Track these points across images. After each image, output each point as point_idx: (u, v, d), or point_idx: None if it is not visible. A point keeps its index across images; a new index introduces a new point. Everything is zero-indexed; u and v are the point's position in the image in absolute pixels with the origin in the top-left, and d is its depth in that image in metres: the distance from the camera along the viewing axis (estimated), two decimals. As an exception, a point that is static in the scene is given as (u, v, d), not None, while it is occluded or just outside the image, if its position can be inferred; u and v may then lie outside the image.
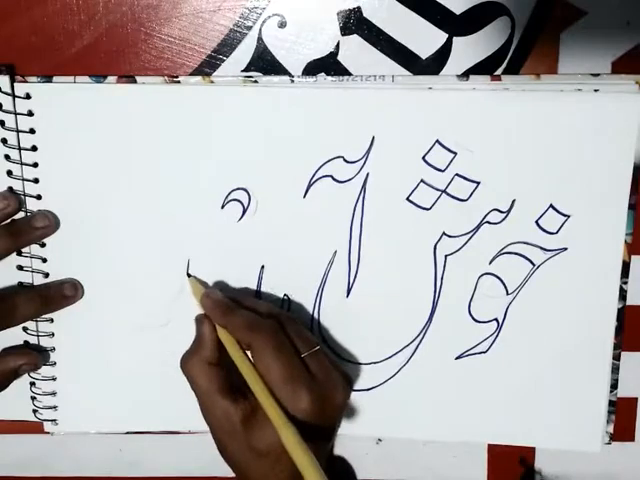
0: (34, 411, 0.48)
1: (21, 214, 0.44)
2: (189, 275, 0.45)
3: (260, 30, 0.43)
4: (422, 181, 0.44)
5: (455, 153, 0.43)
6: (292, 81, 0.43)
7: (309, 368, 0.40)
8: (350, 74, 0.43)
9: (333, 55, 0.43)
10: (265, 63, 0.43)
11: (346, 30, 0.43)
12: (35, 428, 0.49)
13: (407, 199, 0.44)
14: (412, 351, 0.46)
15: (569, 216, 0.44)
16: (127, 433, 0.49)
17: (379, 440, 0.49)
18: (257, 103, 0.43)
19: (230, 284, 0.46)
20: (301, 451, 0.36)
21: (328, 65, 0.43)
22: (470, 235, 0.45)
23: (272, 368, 0.39)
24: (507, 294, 0.46)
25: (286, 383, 0.39)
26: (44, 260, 0.45)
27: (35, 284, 0.46)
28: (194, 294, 0.44)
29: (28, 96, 0.43)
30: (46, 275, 0.46)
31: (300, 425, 0.38)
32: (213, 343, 0.41)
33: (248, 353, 0.41)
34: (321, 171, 0.44)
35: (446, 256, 0.45)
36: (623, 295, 0.46)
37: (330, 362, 0.41)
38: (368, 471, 0.50)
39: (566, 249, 0.45)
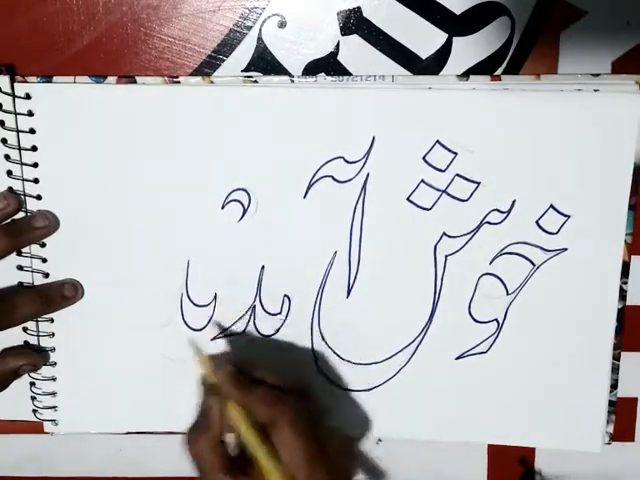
0: (34, 411, 0.48)
1: (21, 214, 0.44)
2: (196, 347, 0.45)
3: (260, 30, 0.43)
4: (422, 181, 0.44)
5: (455, 153, 0.43)
6: (292, 81, 0.43)
7: (326, 447, 0.40)
8: (350, 74, 0.43)
9: (333, 55, 0.43)
10: (265, 63, 0.43)
11: (346, 30, 0.43)
12: (35, 428, 0.49)
13: (407, 199, 0.44)
14: (412, 351, 0.46)
15: (569, 216, 0.44)
16: (127, 433, 0.49)
17: (379, 440, 0.49)
18: (257, 103, 0.43)
19: (230, 284, 0.46)
20: None
21: (328, 65, 0.43)
22: (470, 235, 0.45)
23: (294, 446, 0.39)
24: (507, 294, 0.46)
25: (307, 463, 0.39)
26: (44, 260, 0.45)
27: (35, 284, 0.46)
28: (201, 364, 0.43)
29: (28, 96, 0.43)
30: (46, 275, 0.46)
31: None
32: (221, 421, 0.40)
33: None
34: (321, 171, 0.44)
35: (446, 256, 0.45)
36: (623, 295, 0.46)
37: (339, 437, 0.42)
38: (368, 471, 0.50)
39: (566, 249, 0.45)
